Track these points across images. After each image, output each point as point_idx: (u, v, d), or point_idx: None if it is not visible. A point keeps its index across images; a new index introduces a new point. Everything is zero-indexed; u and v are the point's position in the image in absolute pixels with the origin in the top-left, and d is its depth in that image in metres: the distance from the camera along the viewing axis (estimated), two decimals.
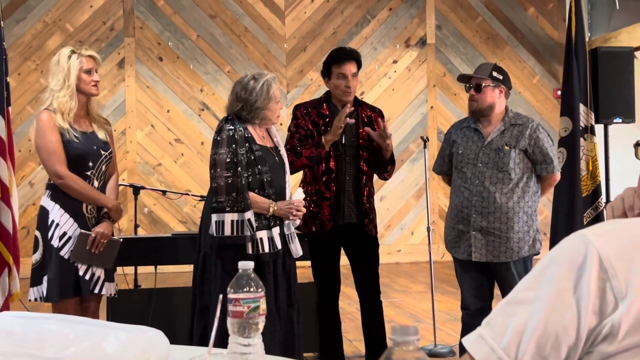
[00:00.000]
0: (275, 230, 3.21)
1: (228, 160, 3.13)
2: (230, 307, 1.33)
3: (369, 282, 3.76)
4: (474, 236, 3.47)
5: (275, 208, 3.19)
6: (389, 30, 8.42)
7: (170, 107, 7.97)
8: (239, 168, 3.13)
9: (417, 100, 8.47)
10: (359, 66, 3.70)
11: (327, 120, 3.65)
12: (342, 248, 3.78)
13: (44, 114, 3.19)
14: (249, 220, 3.11)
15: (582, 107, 5.09)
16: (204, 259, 3.21)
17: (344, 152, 3.65)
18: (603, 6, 8.33)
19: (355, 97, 3.76)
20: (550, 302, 0.98)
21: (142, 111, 7.90)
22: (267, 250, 3.15)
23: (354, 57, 3.68)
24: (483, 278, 3.55)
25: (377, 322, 3.78)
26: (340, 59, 3.65)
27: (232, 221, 3.10)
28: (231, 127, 3.18)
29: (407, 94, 8.42)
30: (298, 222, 3.32)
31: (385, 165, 3.74)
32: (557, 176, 3.59)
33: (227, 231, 3.10)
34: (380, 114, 3.81)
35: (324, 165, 3.61)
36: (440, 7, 8.54)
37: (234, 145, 3.14)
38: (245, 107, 3.21)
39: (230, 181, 3.11)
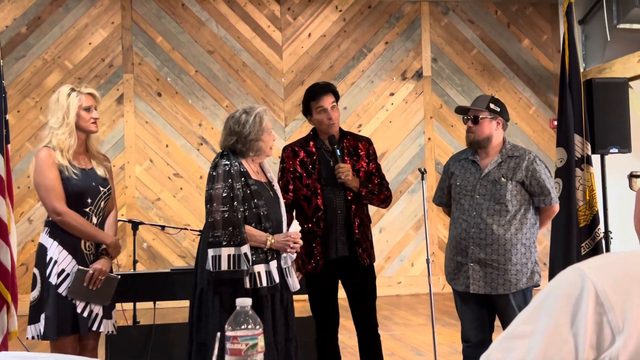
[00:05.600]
0: (273, 264, 3.19)
1: (224, 194, 3.14)
2: (229, 345, 1.33)
3: (365, 313, 3.72)
4: (472, 268, 3.45)
5: (273, 241, 3.19)
6: (385, 63, 8.49)
7: (169, 141, 7.99)
8: (236, 202, 3.13)
9: (414, 132, 8.51)
10: (337, 97, 3.74)
11: (315, 158, 3.66)
12: (339, 282, 3.75)
13: (42, 151, 3.20)
14: (245, 254, 3.09)
15: (577, 138, 5.12)
16: (201, 295, 3.19)
17: (331, 187, 3.64)
18: (597, 37, 8.42)
19: (341, 129, 3.79)
20: (547, 336, 0.98)
21: (141, 146, 7.93)
22: (264, 284, 3.14)
23: (330, 89, 3.73)
24: (483, 310, 3.53)
25: (375, 356, 3.74)
26: (316, 93, 3.71)
27: (229, 255, 3.09)
28: (227, 162, 3.20)
29: (404, 126, 8.46)
30: (295, 255, 3.31)
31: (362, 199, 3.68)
32: (556, 208, 3.58)
33: (224, 266, 3.08)
34: (367, 141, 3.81)
35: (314, 203, 3.62)
36: (436, 40, 8.62)
37: (230, 180, 3.16)
38: (239, 140, 3.24)
39: (226, 215, 3.11)
